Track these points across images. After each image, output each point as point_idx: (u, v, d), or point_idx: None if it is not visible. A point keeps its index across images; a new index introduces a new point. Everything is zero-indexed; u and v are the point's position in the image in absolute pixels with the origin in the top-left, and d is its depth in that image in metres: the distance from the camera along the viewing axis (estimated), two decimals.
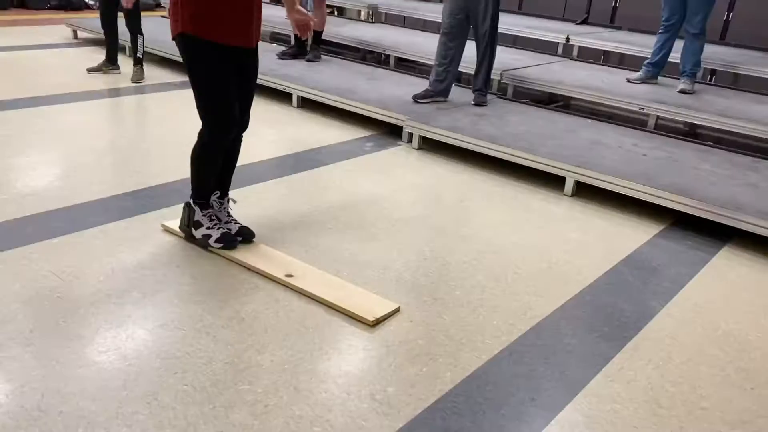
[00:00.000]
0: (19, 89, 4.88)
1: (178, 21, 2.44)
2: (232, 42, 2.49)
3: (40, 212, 2.97)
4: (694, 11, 4.91)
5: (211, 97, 2.52)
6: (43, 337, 2.11)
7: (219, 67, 2.48)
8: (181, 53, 2.53)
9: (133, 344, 2.11)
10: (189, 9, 2.40)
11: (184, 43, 2.48)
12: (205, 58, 2.47)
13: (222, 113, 2.54)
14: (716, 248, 3.18)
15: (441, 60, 4.73)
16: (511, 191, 3.72)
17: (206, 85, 2.51)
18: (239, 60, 2.55)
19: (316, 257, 2.75)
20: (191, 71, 2.53)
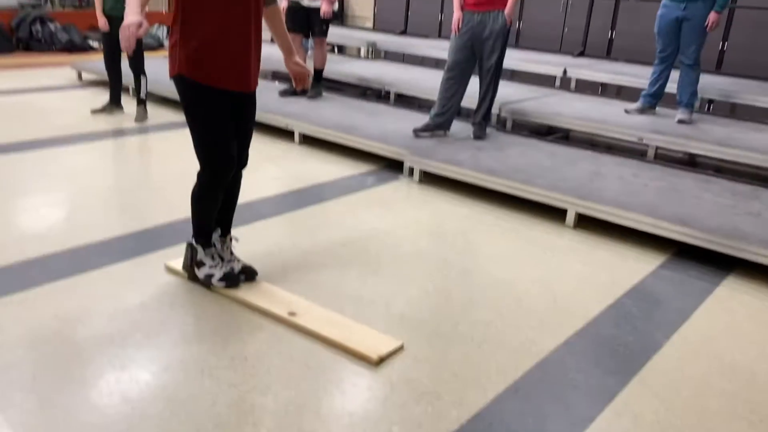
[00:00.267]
0: (23, 132, 4.94)
1: (175, 62, 2.46)
2: (229, 87, 2.50)
3: (44, 255, 2.98)
4: (688, 43, 4.99)
5: (207, 138, 2.52)
6: (46, 383, 2.10)
7: (215, 110, 2.49)
8: (178, 93, 2.54)
9: (137, 387, 2.10)
10: (185, 51, 2.42)
11: (181, 85, 2.50)
12: (202, 101, 2.48)
13: (219, 154, 2.54)
14: (720, 278, 3.18)
15: (444, 94, 4.79)
16: (512, 224, 3.73)
17: (203, 126, 2.52)
18: (237, 101, 2.56)
19: (318, 294, 2.75)
20: (187, 112, 2.54)
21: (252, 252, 3.06)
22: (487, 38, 4.58)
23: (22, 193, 3.76)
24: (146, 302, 2.62)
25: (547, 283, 3.02)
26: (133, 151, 4.90)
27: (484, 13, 4.56)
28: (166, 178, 4.17)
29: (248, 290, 2.71)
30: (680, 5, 4.94)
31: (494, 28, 4.55)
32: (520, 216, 3.85)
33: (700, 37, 4.95)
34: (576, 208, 3.69)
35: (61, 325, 2.42)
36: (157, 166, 4.48)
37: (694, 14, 4.89)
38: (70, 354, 2.25)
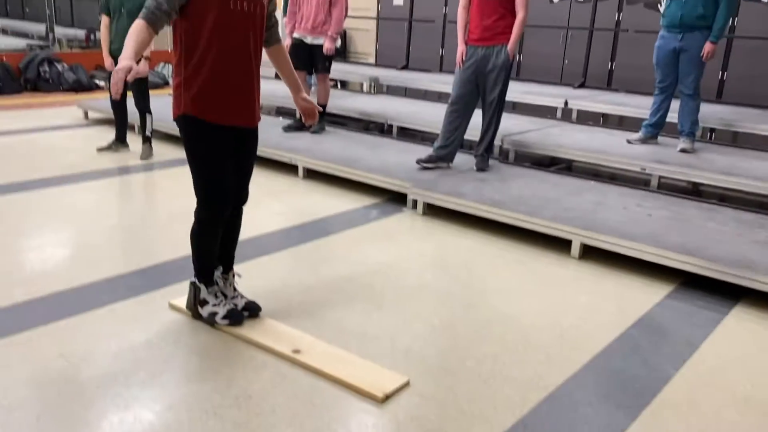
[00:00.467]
0: (30, 171, 4.99)
1: (180, 103, 2.51)
2: (233, 122, 2.55)
3: (49, 294, 2.98)
4: (686, 73, 5.04)
5: (205, 174, 2.56)
6: (51, 424, 2.08)
7: (216, 147, 2.53)
8: (181, 132, 2.59)
9: (141, 428, 2.08)
10: (188, 92, 2.47)
11: (184, 123, 2.54)
12: (204, 138, 2.52)
13: (215, 190, 2.57)
14: (728, 308, 3.15)
15: (447, 127, 4.83)
16: (517, 255, 3.72)
17: (202, 162, 2.55)
18: (239, 137, 2.60)
19: (323, 330, 2.74)
20: (188, 149, 2.57)
21: (256, 288, 3.05)
22: (490, 72, 4.64)
23: (28, 231, 3.78)
24: (151, 340, 2.61)
25: (554, 315, 3.00)
26: (138, 188, 4.93)
27: (487, 48, 4.62)
28: (170, 215, 4.19)
29: (252, 327, 2.70)
30: (677, 36, 5.00)
31: (497, 62, 4.61)
32: (524, 247, 3.84)
33: (698, 68, 5.00)
34: (581, 239, 3.68)
35: (66, 364, 2.41)
36: (162, 203, 4.50)
37: (691, 45, 4.95)
38: (74, 394, 2.23)
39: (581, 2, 7.87)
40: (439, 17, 8.98)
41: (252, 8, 2.49)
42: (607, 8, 7.65)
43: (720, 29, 4.86)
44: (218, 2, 2.39)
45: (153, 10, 2.35)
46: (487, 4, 4.57)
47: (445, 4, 8.93)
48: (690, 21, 4.91)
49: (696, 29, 4.91)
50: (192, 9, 2.40)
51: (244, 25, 2.47)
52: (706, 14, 4.86)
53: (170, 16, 2.39)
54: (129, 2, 5.17)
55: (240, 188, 2.70)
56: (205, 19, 2.40)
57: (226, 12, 2.41)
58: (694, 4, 4.87)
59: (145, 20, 2.35)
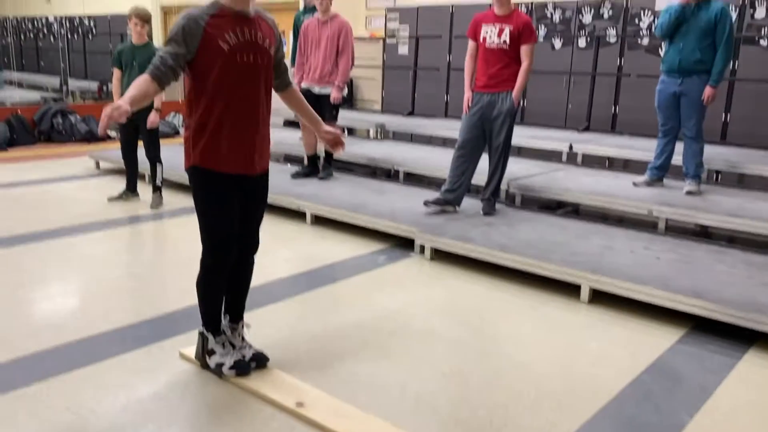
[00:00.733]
0: (41, 222, 5.05)
1: (190, 155, 2.56)
2: (240, 171, 2.58)
3: (58, 345, 2.99)
4: (688, 116, 5.09)
5: (213, 223, 2.59)
6: None
7: (223, 195, 2.56)
8: (190, 181, 2.63)
9: None
10: (199, 143, 2.52)
11: (194, 174, 2.59)
12: (211, 187, 2.56)
13: (221, 239, 2.60)
14: (741, 352, 3.11)
15: (455, 171, 4.89)
16: (526, 300, 3.71)
17: (210, 211, 2.59)
18: (247, 185, 2.63)
19: (331, 380, 2.72)
20: (196, 198, 2.61)
21: (264, 336, 3.04)
22: (496, 118, 4.71)
23: (38, 282, 3.80)
24: (159, 391, 2.60)
25: (565, 362, 2.97)
26: (149, 237, 4.97)
27: (493, 94, 4.71)
28: (179, 264, 4.21)
29: (258, 378, 2.68)
30: (677, 80, 5.07)
31: (502, 108, 4.69)
32: (533, 292, 3.83)
33: (698, 111, 5.05)
34: (590, 283, 3.67)
35: (73, 417, 2.39)
36: (172, 252, 4.53)
37: (691, 89, 5.01)
38: None
39: (583, 48, 8.01)
40: (444, 65, 9.15)
41: (259, 60, 2.52)
42: (608, 54, 7.78)
43: (718, 73, 4.93)
44: (224, 56, 2.43)
45: (158, 66, 2.41)
46: (493, 53, 4.68)
47: (449, 53, 9.11)
48: (688, 66, 4.99)
49: (695, 74, 4.99)
50: (199, 63, 2.44)
51: (250, 77, 2.52)
52: (704, 59, 4.94)
53: (176, 72, 2.43)
54: (140, 56, 5.30)
55: (249, 235, 2.72)
56: (211, 72, 2.45)
57: (232, 65, 2.45)
58: (691, 49, 4.96)
59: (150, 75, 2.41)
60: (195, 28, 2.40)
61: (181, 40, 2.40)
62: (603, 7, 7.82)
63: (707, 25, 4.89)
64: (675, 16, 4.99)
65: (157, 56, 2.42)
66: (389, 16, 9.81)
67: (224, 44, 2.43)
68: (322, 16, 5.88)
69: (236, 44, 2.45)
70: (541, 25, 8.23)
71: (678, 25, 5.00)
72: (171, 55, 2.41)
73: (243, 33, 2.47)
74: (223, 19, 2.45)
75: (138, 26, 5.30)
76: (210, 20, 2.42)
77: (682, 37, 4.99)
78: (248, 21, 2.50)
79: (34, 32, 12.50)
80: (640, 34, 7.55)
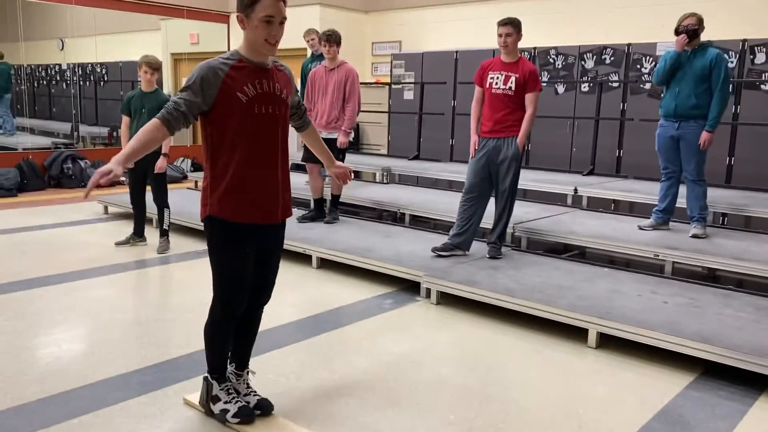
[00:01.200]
0: (49, 266, 5.08)
1: (206, 205, 2.54)
2: (258, 221, 2.55)
3: (62, 391, 2.98)
4: (687, 160, 5.13)
5: (227, 273, 2.56)
6: None
7: (240, 247, 2.53)
8: (205, 230, 2.61)
9: None
10: (216, 193, 2.50)
11: (210, 225, 2.56)
12: (228, 237, 2.53)
13: (234, 290, 2.57)
14: (752, 398, 3.06)
15: (463, 215, 4.92)
16: (533, 345, 3.68)
17: (225, 262, 2.56)
18: (265, 234, 2.60)
19: (335, 428, 2.69)
20: (211, 247, 2.58)
21: (269, 383, 3.03)
22: (502, 162, 4.76)
23: (44, 327, 3.81)
24: None
25: (572, 407, 2.93)
26: (155, 281, 4.99)
27: (498, 139, 4.77)
28: (185, 308, 4.21)
29: (263, 426, 2.66)
30: (674, 124, 5.14)
31: (508, 153, 4.74)
32: (540, 336, 3.80)
33: (697, 154, 5.09)
34: (597, 328, 3.65)
35: None
36: (178, 296, 4.54)
37: (688, 133, 5.07)
38: None
39: (586, 93, 8.13)
40: (448, 110, 9.28)
41: (276, 111, 2.53)
42: (611, 98, 7.89)
43: (714, 119, 4.99)
44: (242, 107, 2.44)
45: (171, 111, 2.41)
46: (499, 99, 4.76)
47: (453, 98, 9.25)
48: (684, 111, 5.06)
49: (691, 119, 5.05)
50: (216, 113, 2.45)
51: (269, 127, 2.52)
52: (700, 104, 5.01)
53: (187, 119, 2.43)
54: (149, 102, 5.41)
55: (264, 286, 2.70)
56: (229, 123, 2.45)
57: (250, 116, 2.46)
58: (687, 95, 5.03)
59: (161, 120, 2.41)
60: (214, 80, 2.41)
61: (198, 89, 2.41)
62: (605, 53, 7.96)
63: (702, 71, 4.97)
64: (670, 63, 5.09)
65: (171, 101, 2.44)
66: (395, 62, 10.01)
67: (243, 96, 2.44)
68: (330, 64, 6.01)
69: (254, 96, 2.46)
70: (544, 71, 8.37)
71: (674, 71, 5.09)
72: (185, 102, 2.41)
73: (261, 85, 2.48)
74: (242, 70, 2.45)
75: (148, 74, 5.42)
76: (229, 71, 2.43)
77: (678, 82, 5.07)
78: (266, 72, 2.52)
79: (47, 79, 12.78)
80: (642, 79, 7.66)
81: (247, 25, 2.43)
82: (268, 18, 2.39)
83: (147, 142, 2.40)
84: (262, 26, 2.40)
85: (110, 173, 2.31)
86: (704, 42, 5.06)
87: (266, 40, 2.43)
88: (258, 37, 2.43)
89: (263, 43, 2.44)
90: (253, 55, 2.49)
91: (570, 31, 8.83)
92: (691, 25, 4.98)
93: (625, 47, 7.79)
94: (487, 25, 9.40)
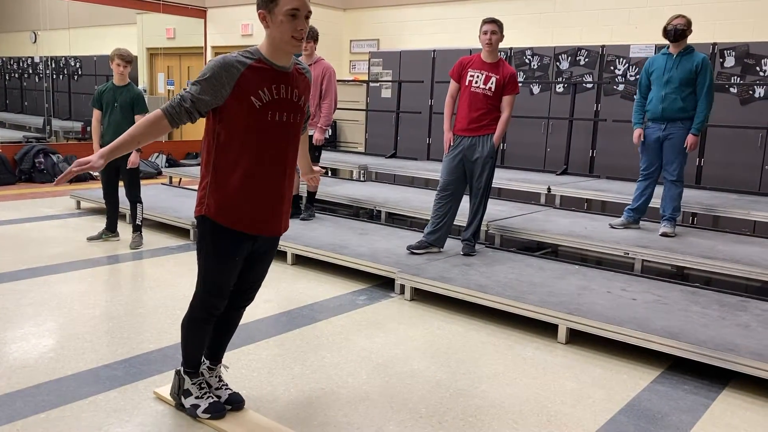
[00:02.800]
0: (19, 261, 5.01)
1: (203, 205, 2.44)
2: (257, 232, 2.47)
3: (30, 386, 2.94)
4: (670, 160, 5.23)
5: (214, 275, 2.50)
6: None
7: (232, 253, 2.46)
8: (198, 228, 2.51)
9: None
10: (214, 197, 2.40)
11: (204, 224, 2.47)
12: (222, 242, 2.45)
13: (217, 288, 2.53)
14: (715, 392, 3.14)
15: (437, 212, 4.95)
16: (504, 340, 3.73)
17: (214, 263, 2.49)
18: (260, 242, 2.53)
19: (307, 422, 2.70)
20: (201, 247, 2.50)
21: (241, 377, 3.02)
22: (477, 160, 4.80)
23: (13, 322, 3.75)
24: None
25: (541, 402, 2.98)
26: (127, 277, 4.94)
27: (474, 137, 4.81)
28: (156, 304, 4.18)
29: (234, 421, 2.65)
30: (660, 126, 5.23)
31: (483, 151, 4.78)
32: (512, 332, 3.85)
33: (680, 155, 5.19)
34: (567, 323, 3.70)
35: None
36: (149, 292, 4.51)
37: (674, 133, 5.16)
38: None
39: (560, 94, 8.22)
40: (425, 109, 9.33)
41: (291, 119, 2.41)
42: (585, 99, 7.99)
43: (701, 122, 5.10)
44: (254, 113, 2.31)
45: (174, 104, 2.29)
46: (477, 98, 4.79)
47: (430, 97, 9.30)
48: (671, 114, 5.15)
49: (677, 120, 5.15)
50: (227, 113, 2.32)
51: (282, 136, 2.40)
52: (686, 107, 5.11)
53: (191, 115, 2.30)
54: (122, 96, 5.36)
55: (249, 289, 2.67)
56: (238, 125, 2.32)
57: (262, 123, 2.34)
58: (673, 98, 5.12)
59: (164, 112, 2.30)
60: (227, 79, 2.27)
61: (209, 87, 2.28)
62: (579, 54, 8.06)
63: (689, 75, 5.06)
64: (645, 73, 5.31)
65: (178, 94, 2.31)
66: (373, 60, 10.02)
67: (257, 101, 2.31)
68: (307, 60, 6.00)
69: (269, 101, 2.33)
70: (520, 71, 8.45)
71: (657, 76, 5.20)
72: (192, 98, 2.29)
73: (279, 90, 2.35)
74: (260, 72, 2.31)
75: (120, 66, 5.35)
76: (245, 71, 2.29)
77: (664, 85, 5.16)
78: (287, 77, 2.38)
79: (19, 72, 12.57)
80: (615, 81, 7.78)
81: (271, 22, 2.28)
82: (293, 11, 2.25)
83: (144, 134, 2.29)
84: (288, 21, 2.25)
85: (88, 164, 2.22)
86: (690, 45, 5.15)
87: (293, 36, 2.28)
88: (283, 34, 2.27)
89: (289, 39, 2.28)
90: (275, 56, 2.34)
91: (545, 32, 8.93)
92: (680, 25, 5.06)
93: (600, 48, 7.90)
94: (464, 25, 9.49)
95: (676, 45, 5.12)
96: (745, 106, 6.98)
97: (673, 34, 5.07)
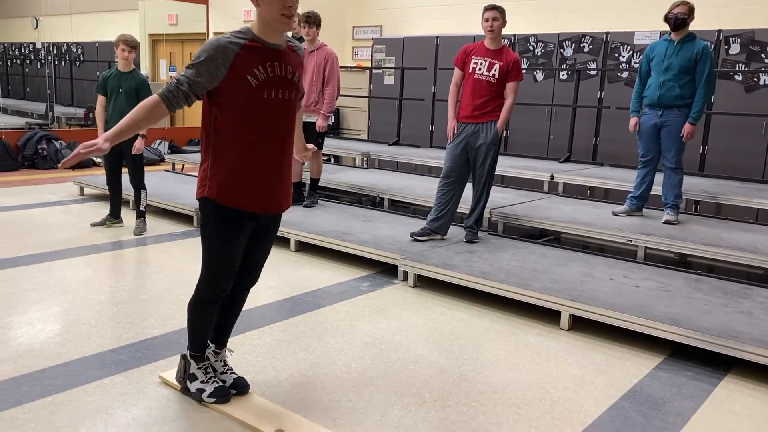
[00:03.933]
0: (23, 247, 5.03)
1: (205, 187, 2.47)
2: (258, 210, 2.50)
3: (36, 370, 2.96)
4: (668, 147, 5.21)
5: (218, 256, 2.52)
6: None
7: (236, 233, 2.49)
8: (201, 211, 2.54)
9: None
10: (217, 177, 2.43)
11: (206, 206, 2.50)
12: (224, 223, 2.47)
13: (222, 270, 2.55)
14: (717, 378, 3.15)
15: (440, 199, 4.95)
16: (507, 327, 3.74)
17: (217, 245, 2.51)
18: (262, 222, 2.56)
19: (312, 405, 2.72)
20: (205, 229, 2.53)
21: (246, 362, 3.04)
22: (480, 147, 4.79)
23: (18, 307, 3.77)
24: (138, 417, 2.58)
25: (544, 387, 2.99)
26: (131, 263, 4.96)
27: (477, 124, 4.80)
28: (161, 290, 4.20)
29: (238, 405, 2.67)
30: (657, 112, 5.20)
31: (486, 138, 4.77)
32: (514, 318, 3.86)
33: (678, 142, 5.17)
34: (569, 310, 3.71)
35: None
36: (154, 277, 4.53)
37: (671, 121, 5.14)
38: None
39: (564, 81, 8.19)
40: (429, 96, 9.29)
41: (287, 95, 2.44)
42: (589, 86, 7.96)
43: (698, 111, 5.07)
44: (251, 91, 2.34)
45: (171, 89, 2.31)
46: (480, 85, 4.77)
47: (434, 84, 9.26)
48: (668, 101, 5.13)
49: (674, 107, 5.12)
50: (223, 94, 2.35)
51: (278, 113, 2.43)
52: (684, 94, 5.08)
53: (188, 98, 2.33)
54: (126, 82, 5.35)
55: (253, 270, 2.69)
56: (236, 105, 2.35)
57: (258, 101, 2.37)
58: (671, 85, 5.10)
59: (161, 97, 2.32)
60: (223, 60, 2.30)
61: (205, 70, 2.30)
62: (584, 41, 8.02)
63: (689, 63, 5.03)
64: (646, 59, 5.27)
65: (174, 79, 2.33)
66: (375, 47, 9.98)
67: (253, 79, 2.34)
68: (309, 46, 5.98)
69: (265, 80, 2.36)
70: (523, 58, 8.41)
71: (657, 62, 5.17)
72: (188, 80, 2.30)
73: (273, 68, 2.38)
74: (254, 51, 2.34)
75: (125, 52, 5.35)
76: (240, 51, 2.32)
77: (663, 72, 5.13)
78: (279, 54, 2.41)
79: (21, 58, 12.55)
80: (619, 68, 7.74)
81: (261, 1, 2.31)
82: None
83: (143, 119, 2.31)
84: None
85: (94, 146, 2.23)
86: (691, 32, 5.11)
87: (282, 13, 2.31)
88: (273, 12, 2.30)
89: (279, 17, 2.31)
90: (267, 34, 2.37)
91: (549, 19, 8.88)
92: (680, 14, 5.02)
93: (604, 35, 7.86)
94: (468, 11, 9.43)
95: (677, 33, 5.09)
96: (750, 93, 6.94)
97: (673, 22, 5.04)
